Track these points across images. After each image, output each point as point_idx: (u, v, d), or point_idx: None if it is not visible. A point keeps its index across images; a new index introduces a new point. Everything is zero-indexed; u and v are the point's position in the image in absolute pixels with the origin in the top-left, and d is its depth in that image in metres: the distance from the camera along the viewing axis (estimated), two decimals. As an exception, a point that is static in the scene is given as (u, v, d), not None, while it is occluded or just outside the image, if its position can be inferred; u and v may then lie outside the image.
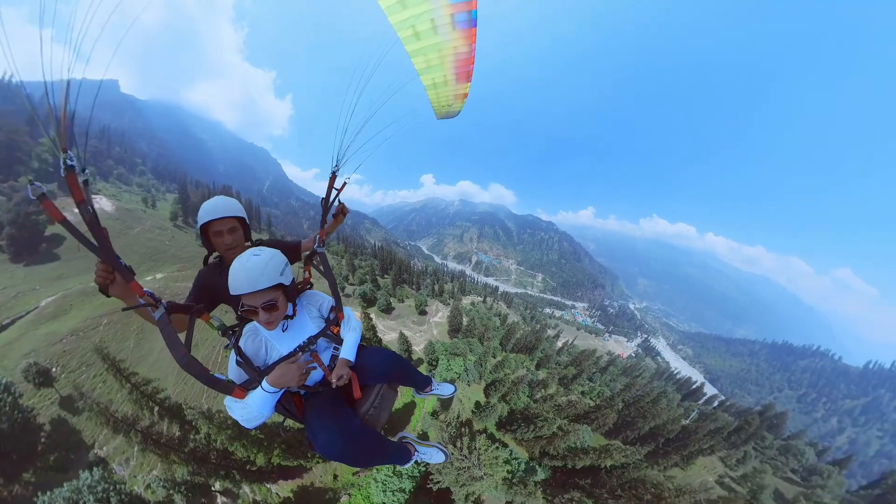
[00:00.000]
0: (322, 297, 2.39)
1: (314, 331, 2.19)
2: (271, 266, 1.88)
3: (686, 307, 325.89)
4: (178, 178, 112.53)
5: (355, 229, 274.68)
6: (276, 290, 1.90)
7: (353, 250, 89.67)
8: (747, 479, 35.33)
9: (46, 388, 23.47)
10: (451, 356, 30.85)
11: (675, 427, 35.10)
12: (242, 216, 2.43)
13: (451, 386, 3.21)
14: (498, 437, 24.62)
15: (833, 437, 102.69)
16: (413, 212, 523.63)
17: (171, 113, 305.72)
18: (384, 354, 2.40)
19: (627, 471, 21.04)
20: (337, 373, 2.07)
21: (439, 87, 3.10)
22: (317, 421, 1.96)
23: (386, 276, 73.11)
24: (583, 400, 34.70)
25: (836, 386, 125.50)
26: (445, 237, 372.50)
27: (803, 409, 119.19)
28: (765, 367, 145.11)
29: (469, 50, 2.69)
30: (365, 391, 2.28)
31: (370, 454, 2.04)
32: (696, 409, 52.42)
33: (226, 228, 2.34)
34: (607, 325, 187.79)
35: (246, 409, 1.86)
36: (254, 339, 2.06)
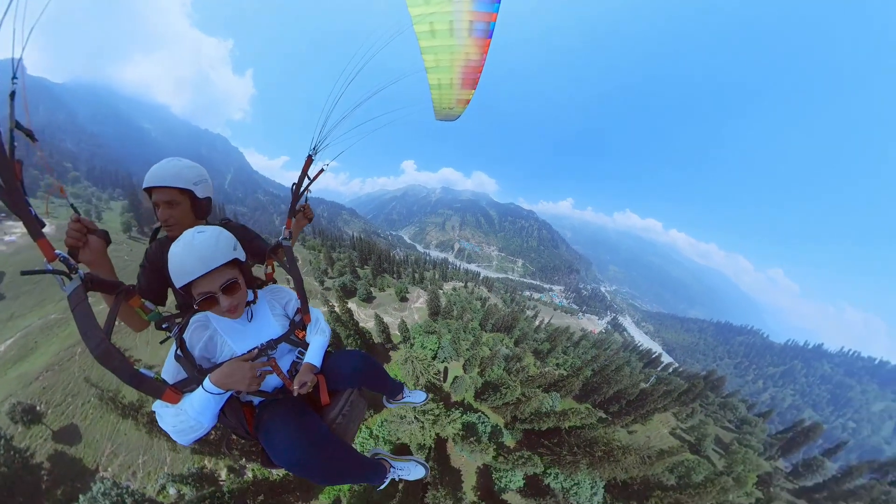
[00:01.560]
0: (289, 293, 2.10)
1: (277, 332, 1.89)
2: (223, 240, 1.58)
3: (649, 291, 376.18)
4: (121, 181, 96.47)
5: (332, 221, 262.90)
6: (234, 267, 1.62)
7: (331, 243, 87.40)
8: (694, 429, 41.11)
9: (36, 425, 22.83)
10: (425, 334, 32.35)
11: (635, 390, 39.37)
12: (187, 188, 1.94)
13: (422, 393, 2.97)
14: (476, 407, 26.69)
15: (759, 395, 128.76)
16: (394, 200, 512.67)
17: (101, 99, 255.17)
18: (355, 355, 2.17)
19: (585, 430, 23.75)
20: (300, 379, 1.76)
21: (444, 88, 3.03)
22: (274, 425, 1.64)
23: (366, 267, 72.74)
24: (552, 370, 37.75)
25: (763, 357, 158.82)
26: (427, 225, 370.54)
27: (738, 373, 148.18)
28: (710, 340, 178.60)
29: (480, 59, 2.66)
30: (333, 397, 2.01)
31: (339, 467, 1.70)
32: (654, 374, 60.37)
33: (162, 200, 1.91)
34: (581, 305, 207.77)
35: (179, 416, 1.46)
36: (202, 332, 1.69)
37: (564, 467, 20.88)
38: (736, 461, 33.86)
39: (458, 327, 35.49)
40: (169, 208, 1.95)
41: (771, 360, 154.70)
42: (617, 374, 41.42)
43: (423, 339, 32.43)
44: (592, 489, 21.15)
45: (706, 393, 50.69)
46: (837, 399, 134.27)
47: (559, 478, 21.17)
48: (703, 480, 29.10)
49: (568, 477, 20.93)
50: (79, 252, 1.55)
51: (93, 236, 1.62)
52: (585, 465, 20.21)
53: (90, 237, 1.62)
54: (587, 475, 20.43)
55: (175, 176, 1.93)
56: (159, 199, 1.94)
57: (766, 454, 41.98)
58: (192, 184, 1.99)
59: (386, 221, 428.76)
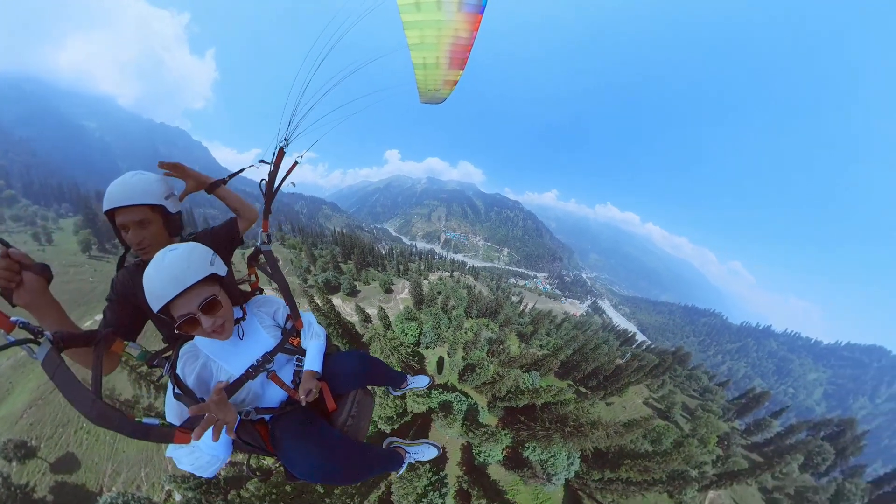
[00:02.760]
0: (276, 302, 2.00)
1: (270, 344, 1.80)
2: (196, 255, 1.46)
3: (626, 278, 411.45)
4: (68, 193, 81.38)
5: (313, 217, 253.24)
6: (212, 283, 1.49)
7: (312, 240, 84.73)
8: (664, 398, 45.09)
9: (31, 459, 22.23)
10: (405, 321, 33.03)
11: (611, 366, 42.09)
12: (158, 203, 1.76)
13: (425, 377, 3.05)
14: (459, 388, 27.82)
15: (718, 367, 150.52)
16: (377, 192, 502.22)
17: (28, 94, 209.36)
18: (353, 356, 2.15)
19: (558, 406, 25.47)
20: (304, 387, 1.73)
21: (429, 68, 2.75)
22: (291, 443, 1.62)
23: (349, 262, 71.83)
24: (535, 351, 39.62)
25: (722, 335, 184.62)
26: (413, 217, 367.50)
27: (701, 349, 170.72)
28: (678, 321, 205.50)
29: (469, 36, 2.43)
30: (339, 401, 1.98)
31: (359, 468, 1.73)
32: (629, 351, 64.56)
33: (132, 221, 1.69)
34: (564, 290, 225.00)
35: (195, 453, 1.44)
36: (194, 362, 1.61)
37: (540, 441, 22.53)
38: (700, 424, 37.52)
39: (437, 312, 36.33)
40: (141, 229, 1.72)
41: (728, 338, 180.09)
42: (595, 352, 44.01)
43: (403, 325, 33.10)
44: (569, 460, 22.89)
45: (674, 366, 55.21)
46: (781, 371, 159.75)
47: (536, 451, 22.78)
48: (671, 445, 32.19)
49: (544, 450, 22.52)
50: (12, 294, 1.27)
51: (28, 273, 1.31)
52: (558, 439, 21.78)
53: (25, 274, 1.31)
54: (561, 448, 22.04)
55: (144, 192, 1.71)
56: (128, 221, 1.69)
57: (725, 417, 46.85)
58: (163, 198, 1.78)
59: (370, 214, 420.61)
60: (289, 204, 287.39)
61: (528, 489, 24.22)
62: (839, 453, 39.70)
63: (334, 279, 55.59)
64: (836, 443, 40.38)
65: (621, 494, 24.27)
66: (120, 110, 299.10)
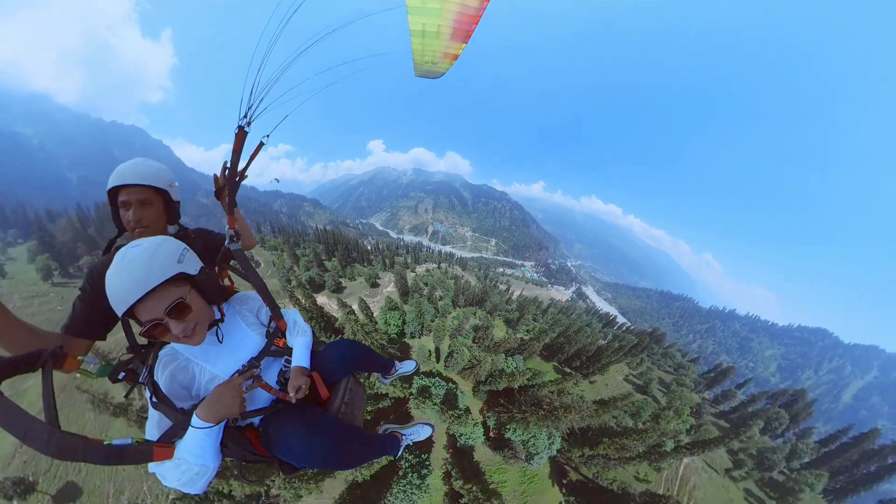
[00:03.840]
0: (257, 299, 1.85)
1: (258, 344, 1.72)
2: (161, 253, 1.29)
3: (608, 265, 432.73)
4: (13, 217, 67.31)
5: (293, 216, 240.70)
6: (181, 284, 1.33)
7: (294, 240, 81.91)
8: (643, 375, 48.10)
9: (32, 494, 21.64)
10: (388, 311, 33.23)
11: (592, 347, 44.02)
12: (163, 188, 1.77)
13: (412, 362, 3.05)
14: (445, 375, 28.42)
15: (690, 345, 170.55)
16: (361, 185, 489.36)
17: None
18: (342, 344, 2.13)
19: (535, 389, 26.61)
20: (293, 384, 1.67)
21: (429, 37, 2.43)
22: (285, 434, 1.54)
23: (333, 259, 70.47)
24: (518, 336, 40.92)
25: (693, 318, 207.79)
26: (399, 210, 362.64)
27: (675, 330, 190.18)
28: (655, 305, 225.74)
29: (479, 6, 2.19)
30: (331, 389, 1.96)
31: (357, 452, 1.72)
32: (610, 333, 68.69)
33: (135, 198, 1.69)
34: (550, 278, 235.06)
35: (181, 466, 1.28)
36: (174, 366, 1.47)
37: (518, 423, 23.50)
38: (674, 397, 40.34)
39: (421, 302, 36.67)
40: (142, 207, 1.72)
41: (699, 320, 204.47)
42: (577, 334, 45.81)
43: (386, 316, 33.24)
44: (549, 439, 23.95)
45: (651, 345, 59.00)
46: (743, 348, 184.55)
47: (517, 432, 23.69)
48: (650, 418, 34.47)
49: (524, 431, 23.48)
50: None
51: None
52: (534, 421, 22.79)
53: None
54: (539, 429, 23.15)
55: (153, 175, 1.76)
56: (132, 198, 1.70)
57: (696, 389, 50.78)
58: (168, 185, 1.82)
59: (354, 209, 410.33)
60: (267, 203, 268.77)
61: (514, 468, 25.35)
62: (792, 418, 44.38)
63: (318, 277, 54.67)
64: (790, 409, 45.05)
65: (603, 467, 25.86)
66: (61, 110, 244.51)
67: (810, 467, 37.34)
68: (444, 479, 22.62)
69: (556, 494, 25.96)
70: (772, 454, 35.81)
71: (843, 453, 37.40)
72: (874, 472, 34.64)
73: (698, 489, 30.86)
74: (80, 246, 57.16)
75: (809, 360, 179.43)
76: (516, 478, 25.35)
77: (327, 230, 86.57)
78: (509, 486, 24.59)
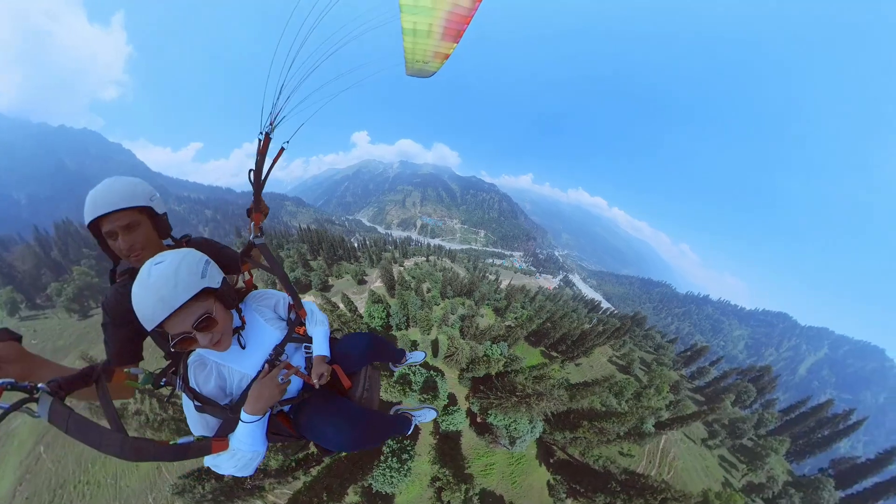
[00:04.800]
0: (273, 294, 2.00)
1: (278, 337, 1.83)
2: (184, 269, 1.33)
3: (594, 254, 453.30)
4: None
5: (275, 216, 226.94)
6: (206, 298, 1.39)
7: (277, 241, 79.63)
8: (625, 356, 50.04)
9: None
10: (372, 304, 33.25)
11: (576, 332, 45.40)
12: (144, 205, 1.68)
13: (421, 353, 3.29)
14: (432, 365, 28.85)
15: (668, 327, 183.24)
16: (346, 180, 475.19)
17: None
18: (361, 337, 2.28)
19: (512, 376, 27.68)
20: (316, 371, 1.83)
21: (420, 36, 2.48)
22: (319, 420, 1.74)
23: (318, 258, 69.08)
24: (504, 323, 41.84)
25: (672, 302, 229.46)
26: (387, 204, 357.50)
27: (655, 313, 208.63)
28: (637, 291, 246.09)
29: (471, 6, 2.21)
30: (352, 378, 2.13)
31: (380, 432, 1.94)
32: (595, 317, 71.35)
33: (119, 226, 1.60)
34: (538, 267, 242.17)
35: (236, 456, 1.46)
36: (203, 370, 1.58)
37: (497, 409, 24.42)
38: (655, 375, 42.34)
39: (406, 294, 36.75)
40: (129, 233, 1.62)
41: (676, 304, 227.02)
42: (562, 320, 47.14)
43: (370, 309, 33.23)
44: (531, 423, 24.81)
45: (633, 328, 62.21)
46: (715, 329, 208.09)
47: (498, 417, 24.53)
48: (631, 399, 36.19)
49: (504, 416, 24.32)
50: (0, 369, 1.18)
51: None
52: (509, 408, 23.75)
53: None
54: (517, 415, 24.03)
55: (130, 195, 1.63)
56: (116, 227, 1.59)
57: (674, 367, 54.04)
58: (148, 199, 1.71)
59: (340, 206, 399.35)
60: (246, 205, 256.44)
61: (501, 451, 26.17)
62: (759, 391, 48.69)
63: (304, 277, 53.89)
64: (756, 383, 49.42)
65: (587, 446, 27.05)
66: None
67: (775, 434, 41.15)
68: (430, 464, 23.25)
69: (544, 473, 27.06)
70: (742, 423, 38.82)
71: (802, 421, 42.01)
72: (828, 437, 39.60)
73: (678, 460, 32.93)
74: (44, 273, 52.04)
75: (772, 340, 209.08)
76: (504, 460, 26.23)
77: (311, 229, 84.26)
78: (497, 468, 25.46)
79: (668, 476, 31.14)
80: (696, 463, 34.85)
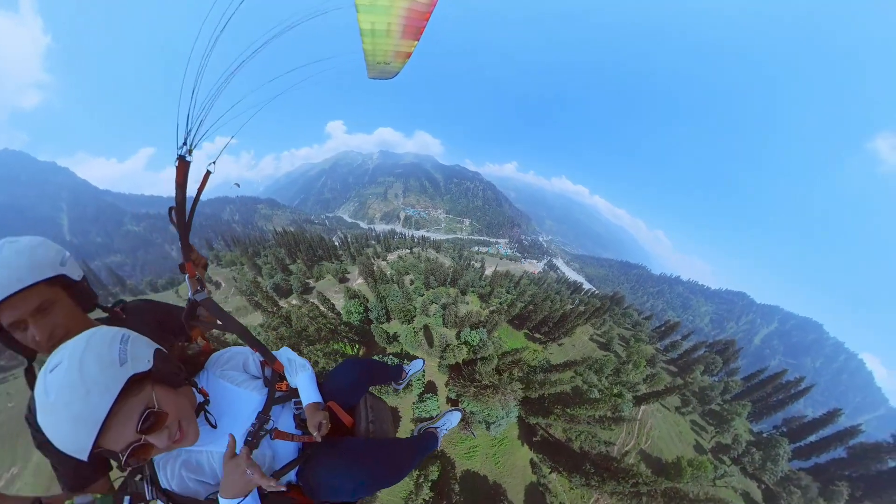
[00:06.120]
0: (239, 352, 1.69)
1: (258, 400, 1.54)
2: (92, 363, 0.97)
3: (576, 239, 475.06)
4: None
5: (248, 222, 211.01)
6: (139, 388, 1.04)
7: (253, 249, 75.39)
8: (606, 333, 52.43)
9: None
10: (348, 300, 32.75)
11: (556, 314, 46.56)
12: (57, 274, 1.26)
13: (419, 361, 3.14)
14: (413, 355, 28.84)
15: (644, 305, 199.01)
16: (322, 175, 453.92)
17: None
18: (346, 366, 2.03)
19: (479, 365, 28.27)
20: (313, 423, 1.55)
21: (378, 35, 2.37)
22: (328, 475, 1.47)
23: (298, 261, 66.51)
24: (483, 309, 42.43)
25: (647, 283, 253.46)
26: (368, 198, 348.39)
27: (632, 293, 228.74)
28: (616, 273, 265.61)
29: (429, 2, 2.12)
30: (353, 412, 1.90)
31: (401, 463, 1.67)
32: (577, 298, 73.64)
33: (27, 312, 1.18)
34: (523, 253, 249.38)
35: None
36: (179, 464, 1.29)
37: (465, 397, 25.10)
38: (633, 351, 44.36)
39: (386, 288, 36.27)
40: (44, 318, 1.20)
41: (651, 284, 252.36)
42: (542, 303, 48.11)
43: (348, 305, 32.59)
44: (504, 409, 25.50)
45: (613, 307, 65.04)
46: (685, 306, 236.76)
47: (471, 404, 25.10)
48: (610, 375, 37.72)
49: (476, 403, 24.90)
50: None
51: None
52: (471, 396, 24.48)
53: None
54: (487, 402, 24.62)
55: (31, 264, 1.17)
56: (21, 314, 1.15)
57: (650, 342, 57.32)
58: (58, 266, 1.26)
59: (318, 203, 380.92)
60: (214, 214, 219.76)
61: (484, 433, 26.75)
62: (724, 362, 53.57)
63: (284, 282, 52.15)
64: (722, 355, 54.08)
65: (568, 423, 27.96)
66: None
67: (738, 399, 45.34)
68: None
69: (527, 453, 27.94)
70: (710, 391, 42.00)
71: (761, 388, 47.33)
72: (781, 400, 45.77)
73: (654, 430, 35.00)
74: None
75: (732, 315, 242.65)
76: (487, 442, 26.84)
77: (288, 231, 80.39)
78: (480, 450, 26.10)
79: (646, 445, 33.01)
80: (670, 430, 37.11)
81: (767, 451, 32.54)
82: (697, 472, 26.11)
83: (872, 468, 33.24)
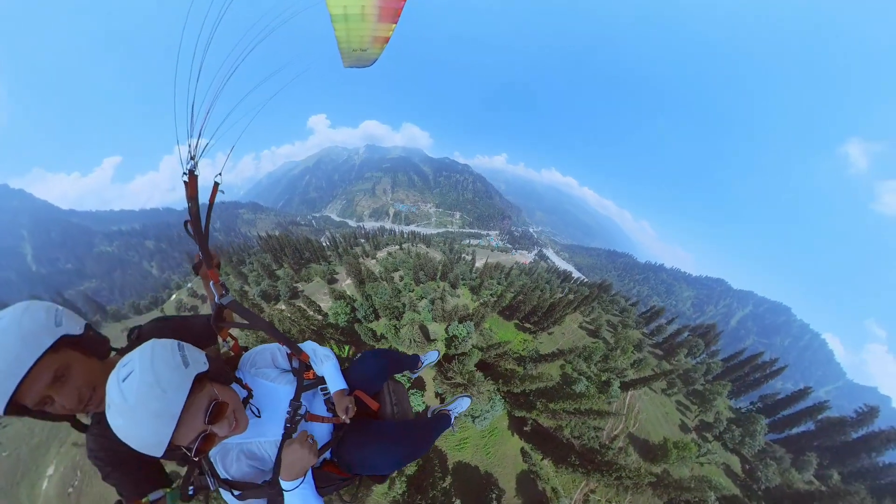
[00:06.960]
0: (266, 349, 1.89)
1: (290, 392, 1.75)
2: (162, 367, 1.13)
3: (565, 230, 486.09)
4: None
5: (230, 229, 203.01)
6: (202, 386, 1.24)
7: (237, 258, 72.88)
8: (594, 321, 53.32)
9: None
10: (334, 301, 32.28)
11: (545, 304, 47.06)
12: (60, 337, 1.21)
13: (434, 352, 3.41)
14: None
15: (630, 292, 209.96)
16: (306, 173, 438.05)
17: None
18: (367, 357, 2.26)
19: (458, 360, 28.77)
20: (340, 407, 1.79)
21: (352, 21, 2.24)
22: (364, 452, 1.79)
23: (284, 266, 64.70)
24: (473, 302, 42.53)
25: (633, 270, 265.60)
26: (355, 195, 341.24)
27: (620, 280, 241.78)
28: (604, 262, 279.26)
29: None
30: (377, 398, 2.16)
31: (425, 438, 2.03)
32: (567, 287, 75.38)
33: (44, 389, 1.15)
34: (514, 244, 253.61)
35: None
36: (227, 456, 1.51)
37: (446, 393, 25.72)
38: (621, 337, 45.39)
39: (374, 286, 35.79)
40: (65, 385, 1.20)
41: (637, 272, 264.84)
42: (533, 292, 48.46)
43: (334, 306, 32.09)
44: (490, 402, 25.98)
45: (601, 294, 66.53)
46: (669, 292, 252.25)
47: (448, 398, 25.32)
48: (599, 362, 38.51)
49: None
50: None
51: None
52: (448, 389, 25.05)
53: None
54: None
55: (23, 342, 1.11)
56: (41, 393, 1.15)
57: (637, 327, 59.15)
58: (55, 328, 1.22)
59: (304, 203, 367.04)
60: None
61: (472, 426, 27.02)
62: (706, 344, 56.05)
63: (271, 288, 50.85)
64: (704, 338, 56.46)
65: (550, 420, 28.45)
66: None
67: (719, 379, 47.45)
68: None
69: (517, 442, 28.38)
70: (693, 372, 43.75)
71: (739, 368, 50.39)
72: (758, 379, 48.95)
73: (642, 413, 36.10)
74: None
75: (712, 299, 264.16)
76: (477, 434, 27.14)
77: (272, 236, 77.65)
78: (471, 442, 26.40)
79: (634, 428, 34.03)
80: (657, 411, 38.37)
81: (746, 427, 34.42)
82: (682, 453, 27.12)
83: (838, 440, 36.09)
